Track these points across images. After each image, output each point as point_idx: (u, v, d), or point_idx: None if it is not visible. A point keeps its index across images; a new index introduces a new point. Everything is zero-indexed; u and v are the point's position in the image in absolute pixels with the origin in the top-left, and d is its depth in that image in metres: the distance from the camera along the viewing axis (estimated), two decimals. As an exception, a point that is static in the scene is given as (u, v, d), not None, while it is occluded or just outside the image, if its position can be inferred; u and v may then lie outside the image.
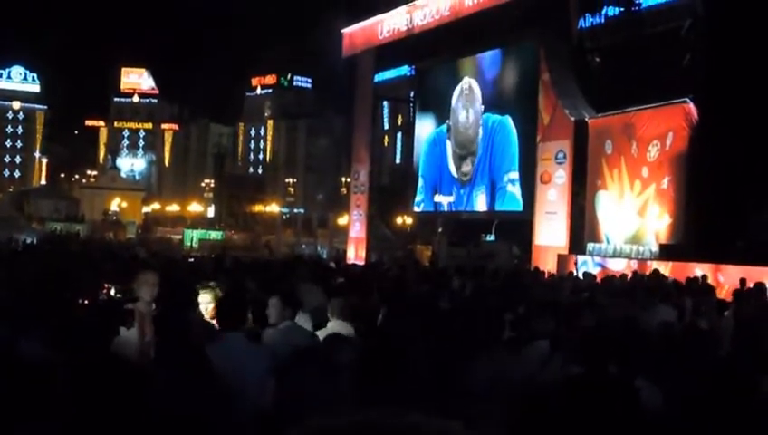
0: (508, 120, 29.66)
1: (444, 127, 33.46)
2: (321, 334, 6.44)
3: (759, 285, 12.08)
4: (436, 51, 33.65)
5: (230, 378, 4.20)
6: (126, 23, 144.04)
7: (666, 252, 21.21)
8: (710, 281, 16.13)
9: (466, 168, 31.82)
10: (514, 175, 29.28)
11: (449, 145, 33.00)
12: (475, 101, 31.67)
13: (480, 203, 31.21)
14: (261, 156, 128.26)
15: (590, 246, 24.69)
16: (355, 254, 35.21)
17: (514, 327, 7.01)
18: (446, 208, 33.54)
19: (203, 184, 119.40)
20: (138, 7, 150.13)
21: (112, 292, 9.77)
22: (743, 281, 14.51)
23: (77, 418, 1.49)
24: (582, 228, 25.52)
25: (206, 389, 2.85)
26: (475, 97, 31.69)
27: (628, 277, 17.66)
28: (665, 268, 18.78)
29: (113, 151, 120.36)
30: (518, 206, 29.10)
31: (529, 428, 2.19)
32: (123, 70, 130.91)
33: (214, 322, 6.40)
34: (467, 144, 31.89)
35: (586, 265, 22.45)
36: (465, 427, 1.04)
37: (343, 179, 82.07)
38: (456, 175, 32.52)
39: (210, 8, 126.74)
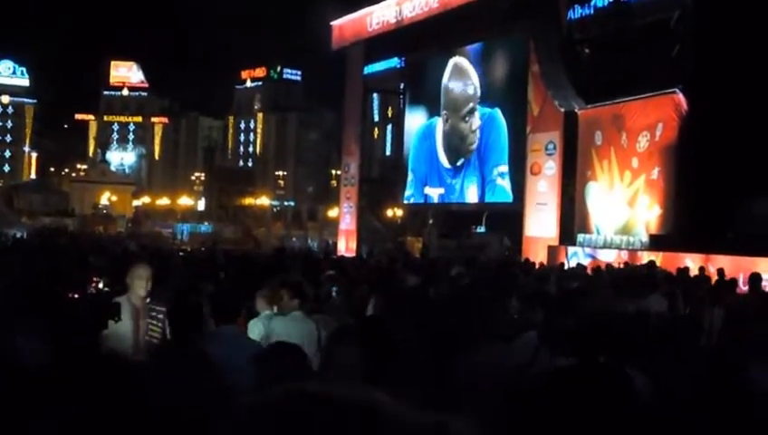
0: (498, 112, 29.65)
1: (434, 120, 33.43)
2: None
3: (755, 276, 12.11)
4: (426, 43, 33.60)
5: (226, 372, 4.21)
6: (115, 16, 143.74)
7: (656, 242, 21.26)
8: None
9: (473, 125, 31.21)
10: (504, 168, 29.29)
11: (440, 133, 32.93)
12: (468, 72, 31.52)
13: (470, 195, 31.20)
14: (251, 149, 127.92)
15: (580, 237, 24.75)
16: (345, 246, 35.22)
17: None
18: (436, 200, 33.55)
19: (193, 177, 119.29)
20: (127, 1, 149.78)
21: (101, 285, 9.74)
22: (720, 271, 14.66)
23: (76, 415, 1.49)
24: (573, 219, 25.58)
25: (205, 384, 2.85)
26: (467, 68, 31.56)
27: (618, 267, 17.74)
28: (655, 259, 18.82)
29: (103, 145, 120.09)
30: (508, 197, 29.12)
31: (519, 419, 2.20)
32: (113, 63, 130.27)
33: None
34: (468, 100, 31.43)
35: (576, 255, 22.51)
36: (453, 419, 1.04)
37: (333, 172, 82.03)
38: (447, 165, 32.41)
39: (199, 1, 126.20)
